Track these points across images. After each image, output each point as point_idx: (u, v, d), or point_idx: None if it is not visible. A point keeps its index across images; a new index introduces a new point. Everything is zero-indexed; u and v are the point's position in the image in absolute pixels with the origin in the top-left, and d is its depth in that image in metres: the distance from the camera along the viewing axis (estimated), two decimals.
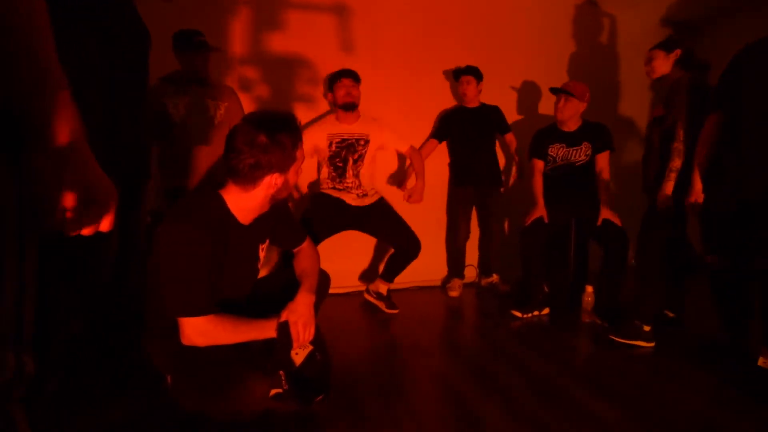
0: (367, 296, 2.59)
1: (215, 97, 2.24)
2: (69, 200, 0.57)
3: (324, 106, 2.71)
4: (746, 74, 1.61)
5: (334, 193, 2.38)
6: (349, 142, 2.38)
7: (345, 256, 2.76)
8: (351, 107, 2.37)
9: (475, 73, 2.69)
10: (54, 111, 0.56)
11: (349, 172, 2.36)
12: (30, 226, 0.63)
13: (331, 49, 2.69)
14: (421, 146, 2.79)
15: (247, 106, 2.44)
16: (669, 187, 1.94)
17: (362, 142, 2.39)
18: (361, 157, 2.37)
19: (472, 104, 2.76)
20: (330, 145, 2.37)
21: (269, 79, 2.62)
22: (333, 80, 2.41)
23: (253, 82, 2.60)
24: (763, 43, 1.58)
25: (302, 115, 2.65)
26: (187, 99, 2.18)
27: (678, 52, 2.02)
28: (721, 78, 1.71)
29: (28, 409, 0.64)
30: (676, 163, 1.92)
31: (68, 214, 0.57)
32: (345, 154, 2.37)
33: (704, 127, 1.76)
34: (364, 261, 2.95)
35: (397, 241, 2.40)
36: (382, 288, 2.53)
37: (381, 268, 2.64)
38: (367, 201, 2.41)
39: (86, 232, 0.60)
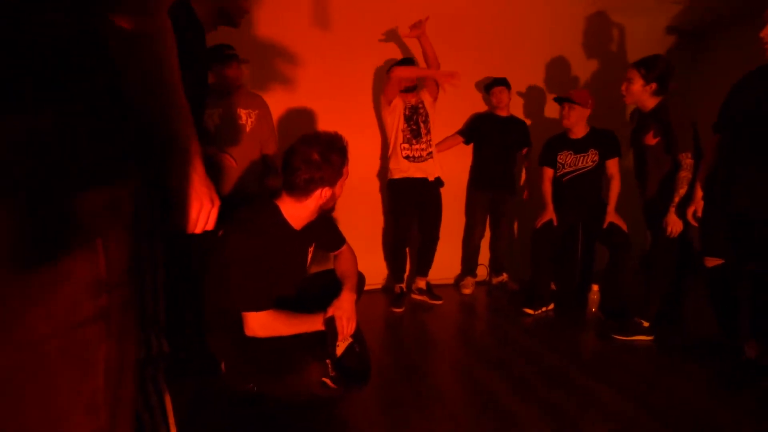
0: (413, 296, 2.85)
1: (247, 106, 2.40)
2: (198, 205, 0.71)
3: (326, 99, 2.87)
4: (740, 101, 1.78)
5: (407, 171, 2.69)
6: (415, 106, 2.73)
7: (370, 256, 2.97)
8: (411, 89, 2.72)
9: (506, 83, 2.90)
10: (187, 133, 0.70)
11: (423, 131, 2.71)
12: (159, 230, 0.79)
13: (333, 43, 2.83)
14: (444, 138, 3.01)
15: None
16: (674, 212, 2.07)
17: (421, 105, 2.75)
18: (427, 117, 2.74)
19: (503, 113, 2.95)
20: (405, 109, 2.70)
21: (272, 74, 2.77)
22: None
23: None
24: (757, 72, 1.76)
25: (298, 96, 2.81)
26: (221, 110, 2.33)
27: (654, 86, 2.10)
28: (723, 103, 1.88)
29: (166, 377, 0.81)
30: (684, 190, 2.03)
31: (201, 216, 0.72)
32: (416, 117, 2.72)
33: (707, 148, 1.97)
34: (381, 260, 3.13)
35: (431, 230, 2.76)
36: (421, 283, 2.83)
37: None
38: (433, 173, 2.72)
39: (199, 230, 0.74)
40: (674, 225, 2.08)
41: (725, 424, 1.51)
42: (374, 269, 3.04)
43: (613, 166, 2.56)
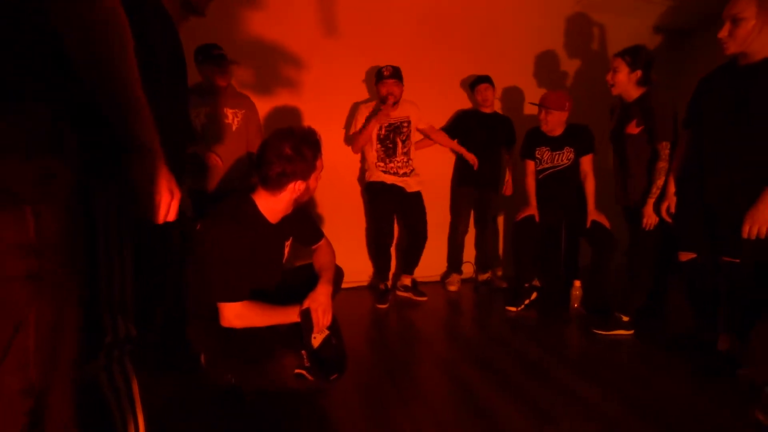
0: (398, 293, 2.86)
1: (234, 105, 2.43)
2: (161, 196, 0.74)
3: (319, 99, 2.89)
4: (706, 97, 1.83)
5: (385, 177, 2.70)
6: (395, 125, 2.70)
7: (354, 254, 3.01)
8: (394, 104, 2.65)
9: (491, 80, 2.94)
10: (146, 128, 0.72)
11: (399, 152, 2.71)
12: (127, 220, 0.82)
13: (327, 43, 2.87)
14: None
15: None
16: (652, 204, 2.09)
17: (406, 124, 2.72)
18: (408, 137, 2.73)
19: (488, 110, 2.98)
20: (381, 129, 2.67)
21: (268, 76, 2.81)
22: (379, 77, 2.63)
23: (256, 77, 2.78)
24: (721, 69, 1.80)
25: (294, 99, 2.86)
26: (208, 109, 2.37)
27: (639, 73, 2.13)
28: (690, 100, 1.92)
29: (133, 360, 0.84)
30: (662, 181, 2.06)
31: (161, 206, 0.75)
32: (393, 136, 2.70)
33: (678, 144, 2.01)
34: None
35: (417, 229, 2.78)
36: (407, 280, 2.86)
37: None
38: (411, 187, 2.74)
39: (161, 220, 0.77)
40: (649, 217, 2.11)
41: (704, 414, 1.54)
42: (360, 266, 3.07)
43: (586, 163, 2.58)
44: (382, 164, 2.71)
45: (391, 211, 2.76)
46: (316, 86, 2.88)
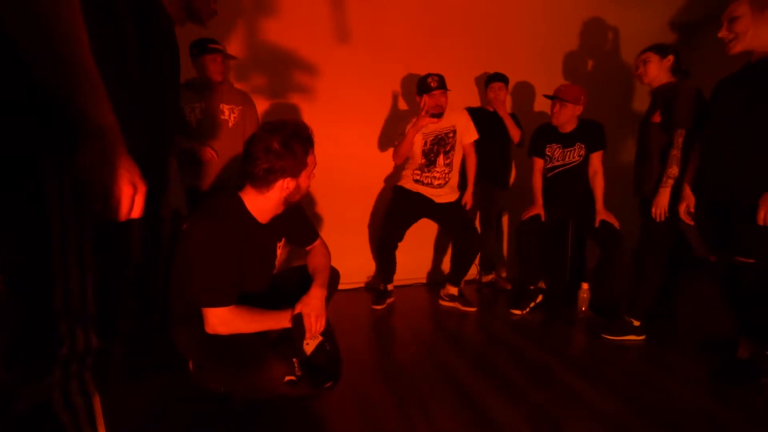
0: (442, 303, 2.71)
1: (230, 101, 2.36)
2: (120, 190, 0.66)
3: (322, 98, 2.83)
4: (720, 100, 1.76)
5: (416, 187, 2.59)
6: (440, 137, 2.55)
7: (354, 255, 2.93)
8: (439, 116, 2.48)
9: (506, 80, 2.85)
10: (99, 108, 0.63)
11: (440, 162, 2.56)
12: (85, 216, 0.73)
13: (331, 43, 2.80)
14: None
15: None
16: (665, 194, 1.98)
17: (451, 134, 2.55)
18: (453, 147, 2.56)
19: (498, 108, 2.88)
20: (425, 143, 2.55)
21: (269, 75, 2.74)
22: (425, 89, 2.44)
23: (256, 78, 2.72)
24: (736, 75, 1.74)
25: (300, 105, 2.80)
26: (203, 104, 2.29)
27: (671, 58, 2.07)
28: (708, 101, 1.86)
29: (95, 376, 0.76)
30: (674, 170, 1.96)
31: (122, 202, 0.66)
32: (437, 148, 2.56)
33: (696, 143, 1.92)
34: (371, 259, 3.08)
35: (459, 235, 2.59)
36: (453, 291, 2.68)
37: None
38: (444, 198, 2.59)
39: (123, 217, 0.69)
40: (658, 207, 2.00)
41: (717, 421, 1.45)
42: (360, 267, 3.00)
43: (596, 159, 2.47)
44: (418, 172, 2.58)
45: (407, 219, 2.62)
46: (328, 88, 2.81)
